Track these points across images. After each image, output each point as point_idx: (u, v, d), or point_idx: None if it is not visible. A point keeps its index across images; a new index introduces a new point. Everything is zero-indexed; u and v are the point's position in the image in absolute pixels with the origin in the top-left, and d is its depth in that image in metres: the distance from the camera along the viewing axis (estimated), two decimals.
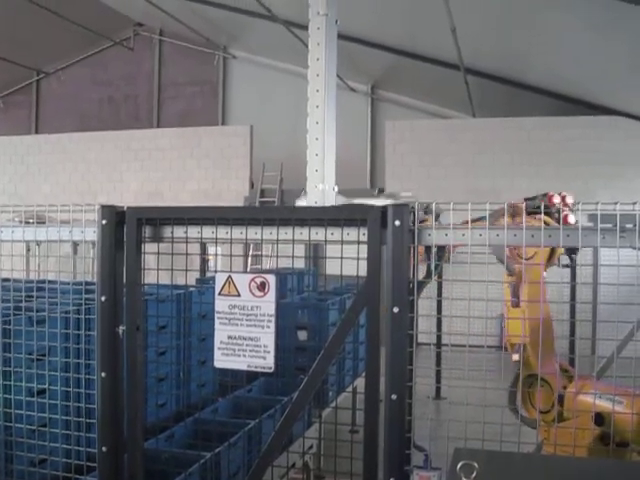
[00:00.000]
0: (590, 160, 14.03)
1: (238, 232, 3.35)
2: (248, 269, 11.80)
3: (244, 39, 18.74)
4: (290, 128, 16.25)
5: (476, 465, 2.65)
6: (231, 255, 3.36)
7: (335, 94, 3.52)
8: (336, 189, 3.44)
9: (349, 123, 14.91)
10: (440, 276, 8.80)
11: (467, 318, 3.15)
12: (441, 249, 3.58)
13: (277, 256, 3.31)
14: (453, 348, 3.72)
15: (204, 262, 10.17)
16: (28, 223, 4.20)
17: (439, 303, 9.45)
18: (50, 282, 5.09)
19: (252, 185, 16.40)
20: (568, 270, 5.10)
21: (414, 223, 3.09)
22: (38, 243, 4.63)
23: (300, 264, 10.54)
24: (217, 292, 3.34)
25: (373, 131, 18.25)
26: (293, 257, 3.33)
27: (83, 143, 17.65)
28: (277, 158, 15.87)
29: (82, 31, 17.96)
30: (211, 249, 9.82)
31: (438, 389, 9.18)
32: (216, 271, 3.36)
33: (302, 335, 6.86)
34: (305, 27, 3.56)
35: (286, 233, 3.28)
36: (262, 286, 3.26)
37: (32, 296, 4.60)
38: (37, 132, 21.33)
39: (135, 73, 20.86)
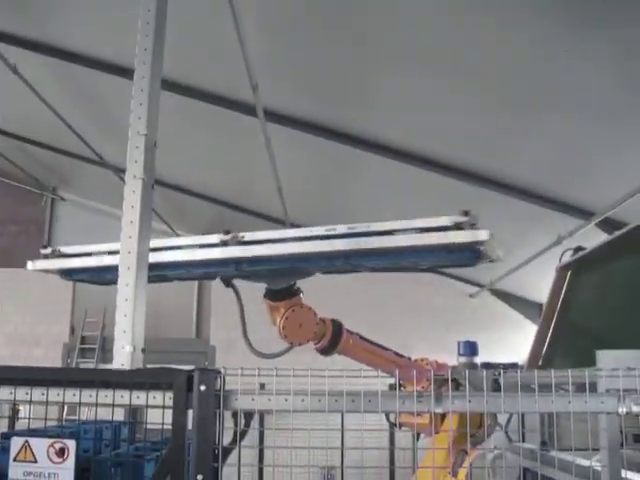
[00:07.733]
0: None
1: (55, 394, 3.18)
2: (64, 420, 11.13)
3: (74, 182, 18.51)
4: None
5: None
6: (46, 418, 3.22)
7: (147, 256, 3.55)
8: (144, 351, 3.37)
9: None
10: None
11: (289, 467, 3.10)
12: (249, 415, 3.53)
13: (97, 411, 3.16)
14: None
15: (15, 413, 9.38)
16: None
17: (261, 452, 9.27)
18: None
19: (72, 331, 15.78)
20: None
21: (221, 388, 3.08)
22: None
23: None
24: (12, 458, 3.14)
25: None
26: (112, 416, 3.21)
27: None
28: (100, 304, 15.39)
29: None
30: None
31: None
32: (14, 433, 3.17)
33: None
34: None
35: (100, 396, 3.17)
36: (61, 452, 3.11)
37: None
38: None
39: None
